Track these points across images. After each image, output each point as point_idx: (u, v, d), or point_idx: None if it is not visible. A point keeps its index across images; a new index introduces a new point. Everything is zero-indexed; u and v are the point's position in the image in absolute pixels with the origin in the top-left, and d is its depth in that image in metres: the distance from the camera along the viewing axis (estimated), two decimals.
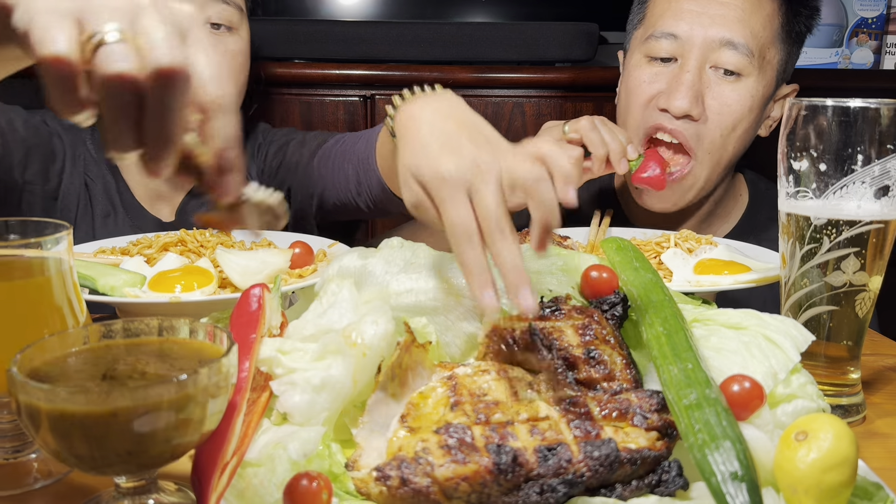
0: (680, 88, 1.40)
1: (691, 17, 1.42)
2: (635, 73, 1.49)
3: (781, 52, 1.45)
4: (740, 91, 1.41)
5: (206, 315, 0.95)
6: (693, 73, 1.41)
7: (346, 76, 2.05)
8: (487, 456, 0.65)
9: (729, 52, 1.40)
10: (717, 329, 0.83)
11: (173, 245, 1.24)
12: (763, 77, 1.43)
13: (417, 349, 0.76)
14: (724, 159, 1.46)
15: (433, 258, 0.89)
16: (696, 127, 1.42)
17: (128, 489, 0.67)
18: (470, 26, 2.20)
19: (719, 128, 1.42)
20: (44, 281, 0.76)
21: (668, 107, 1.42)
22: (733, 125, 1.42)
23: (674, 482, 0.67)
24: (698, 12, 1.42)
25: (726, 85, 1.41)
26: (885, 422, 0.96)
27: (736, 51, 1.40)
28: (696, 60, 1.41)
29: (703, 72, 1.42)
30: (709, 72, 1.42)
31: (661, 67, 1.46)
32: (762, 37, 1.42)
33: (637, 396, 0.72)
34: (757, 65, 1.41)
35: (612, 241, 0.94)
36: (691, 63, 1.41)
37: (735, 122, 1.42)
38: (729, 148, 1.45)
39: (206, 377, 0.61)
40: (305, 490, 0.63)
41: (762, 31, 1.41)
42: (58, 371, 0.65)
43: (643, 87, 1.47)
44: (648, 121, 1.46)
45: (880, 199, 0.90)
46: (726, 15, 1.40)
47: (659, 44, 1.45)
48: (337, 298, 0.83)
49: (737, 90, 1.41)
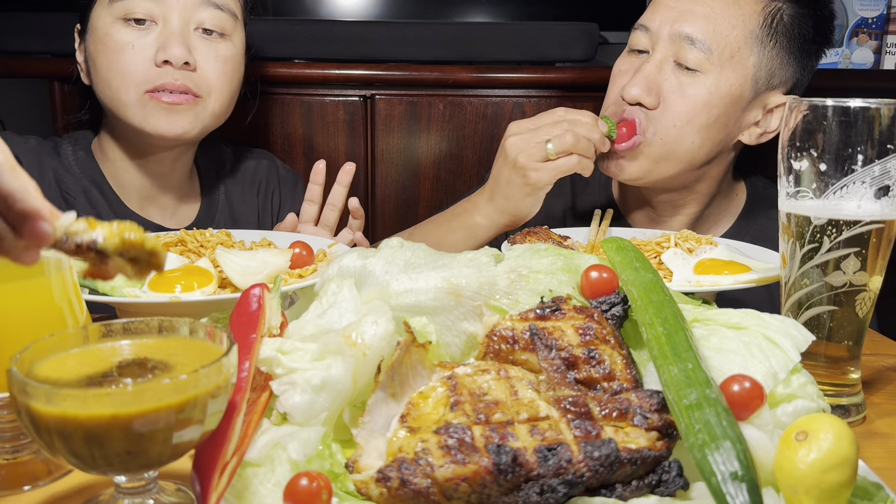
0: (636, 76, 1.46)
1: (665, 11, 1.47)
2: (617, 62, 1.57)
3: (758, 55, 1.45)
4: (696, 86, 1.44)
5: (206, 315, 0.95)
6: (653, 65, 1.46)
7: (346, 76, 2.05)
8: (487, 456, 0.65)
9: (688, 47, 1.43)
10: (718, 329, 0.82)
11: (173, 245, 1.24)
12: (725, 74, 1.44)
13: (417, 349, 0.76)
14: (682, 149, 1.47)
15: (433, 258, 0.89)
16: (648, 114, 1.47)
17: (128, 489, 0.67)
18: (470, 26, 2.20)
19: (672, 117, 1.45)
20: (44, 281, 0.76)
21: (623, 94, 1.48)
22: (687, 117, 1.45)
23: (674, 482, 0.67)
24: (671, 7, 1.47)
25: (683, 78, 1.45)
26: (886, 422, 0.96)
27: (694, 47, 1.43)
28: (660, 53, 1.46)
29: (666, 64, 1.46)
30: (671, 64, 1.46)
31: (636, 58, 1.52)
32: (729, 35, 1.43)
33: (637, 396, 0.72)
34: (717, 62, 1.43)
35: (612, 241, 0.94)
36: (655, 56, 1.47)
37: (689, 114, 1.45)
38: (686, 140, 1.46)
39: (206, 377, 0.61)
40: (305, 490, 0.63)
41: (730, 31, 1.43)
42: (58, 371, 0.65)
43: (617, 76, 1.55)
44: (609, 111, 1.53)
45: (880, 199, 0.90)
46: (694, 10, 1.44)
47: (636, 36, 1.52)
48: (337, 298, 0.83)
49: (693, 84, 1.44)
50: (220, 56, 1.49)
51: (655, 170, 1.50)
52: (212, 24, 1.47)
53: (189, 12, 1.46)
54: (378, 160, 2.11)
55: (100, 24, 1.45)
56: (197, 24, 1.47)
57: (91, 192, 1.55)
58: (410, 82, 2.07)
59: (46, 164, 1.55)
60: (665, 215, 1.63)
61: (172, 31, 1.43)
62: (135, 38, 1.43)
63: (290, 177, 1.83)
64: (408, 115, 2.08)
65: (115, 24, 1.44)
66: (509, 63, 2.14)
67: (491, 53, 2.11)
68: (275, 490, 0.66)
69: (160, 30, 1.44)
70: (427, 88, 2.07)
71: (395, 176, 2.12)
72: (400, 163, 2.10)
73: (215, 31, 1.48)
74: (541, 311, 0.81)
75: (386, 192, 2.14)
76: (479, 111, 2.09)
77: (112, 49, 1.43)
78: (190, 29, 1.46)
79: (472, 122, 2.09)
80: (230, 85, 1.52)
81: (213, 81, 1.48)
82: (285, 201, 1.80)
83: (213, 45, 1.48)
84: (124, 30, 1.43)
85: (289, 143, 2.08)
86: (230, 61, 1.51)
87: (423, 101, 2.08)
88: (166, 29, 1.44)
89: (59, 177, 1.55)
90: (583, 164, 1.39)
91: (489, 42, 2.10)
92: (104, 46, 1.44)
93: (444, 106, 2.08)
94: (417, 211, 2.12)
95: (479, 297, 0.85)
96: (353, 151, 2.09)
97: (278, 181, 1.80)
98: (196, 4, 1.46)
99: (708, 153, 1.50)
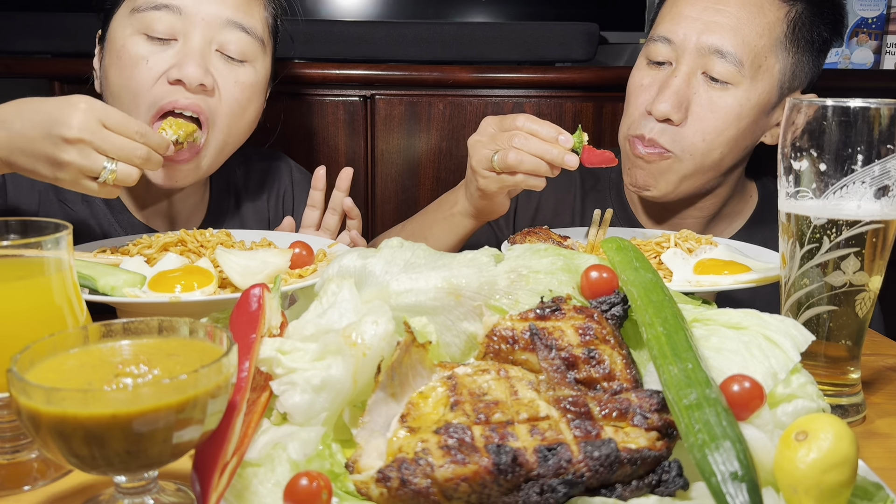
0: (665, 92, 1.43)
1: (687, 22, 1.43)
2: (636, 75, 1.53)
3: (783, 61, 1.45)
4: (727, 99, 1.42)
5: (206, 315, 0.95)
6: (681, 78, 1.43)
7: (346, 76, 2.05)
8: (487, 456, 0.65)
9: (718, 60, 1.41)
10: (718, 329, 0.82)
11: (173, 245, 1.24)
12: (756, 86, 1.43)
13: (417, 349, 0.76)
14: (710, 161, 1.47)
15: (433, 258, 0.89)
16: (673, 132, 1.44)
17: (128, 489, 0.67)
18: (470, 26, 2.20)
19: (700, 132, 1.43)
20: (44, 281, 0.76)
21: (651, 109, 1.44)
22: (717, 131, 1.43)
23: (674, 482, 0.67)
24: (694, 18, 1.43)
25: (714, 92, 1.43)
26: (886, 422, 0.96)
27: (724, 59, 1.40)
28: (686, 66, 1.43)
29: (694, 77, 1.44)
30: (699, 77, 1.44)
31: (658, 71, 1.48)
32: (757, 45, 1.41)
33: (637, 396, 0.72)
34: (748, 74, 1.41)
35: (612, 241, 0.94)
36: (682, 68, 1.43)
37: (719, 128, 1.43)
38: (715, 152, 1.45)
39: (206, 377, 0.61)
40: (305, 490, 0.63)
41: (757, 40, 1.41)
42: (57, 371, 0.65)
43: (639, 90, 1.50)
44: (633, 129, 1.49)
45: (880, 199, 0.90)
46: (720, 22, 1.41)
47: (656, 47, 1.48)
48: (337, 298, 0.83)
49: (723, 98, 1.42)
50: (240, 83, 1.39)
51: (683, 185, 1.49)
52: (236, 49, 1.38)
53: (212, 32, 1.36)
54: (378, 160, 2.11)
55: (118, 34, 1.37)
56: (219, 45, 1.37)
57: (92, 200, 1.51)
58: (410, 82, 2.07)
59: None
60: (679, 217, 1.62)
61: (192, 50, 1.34)
62: (150, 53, 1.34)
63: (304, 179, 1.75)
64: (408, 115, 2.08)
65: (133, 36, 1.35)
66: (509, 63, 2.14)
67: (491, 53, 2.11)
68: (275, 490, 0.66)
69: (179, 47, 1.35)
70: (427, 88, 2.07)
71: (395, 176, 2.12)
72: (400, 163, 2.10)
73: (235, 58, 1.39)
74: (541, 311, 0.81)
75: (386, 192, 2.14)
76: (479, 111, 2.09)
77: (126, 64, 1.35)
78: (211, 49, 1.37)
79: (472, 122, 2.09)
80: (244, 115, 1.43)
81: (225, 108, 1.39)
82: (299, 204, 1.72)
83: (232, 70, 1.39)
84: (143, 44, 1.35)
85: (289, 143, 2.08)
86: (248, 88, 1.41)
87: (423, 101, 2.08)
88: (186, 47, 1.35)
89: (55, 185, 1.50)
90: (529, 182, 1.29)
91: (489, 42, 2.10)
92: (118, 60, 1.36)
93: (444, 106, 2.08)
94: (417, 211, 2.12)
95: (479, 297, 0.85)
96: (353, 151, 2.09)
97: (291, 184, 1.75)
98: (221, 24, 1.37)
99: (734, 159, 1.50)
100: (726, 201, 1.62)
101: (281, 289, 0.86)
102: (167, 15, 1.34)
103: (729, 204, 1.63)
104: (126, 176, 1.12)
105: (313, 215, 1.53)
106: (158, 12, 1.34)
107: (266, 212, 1.72)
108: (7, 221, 0.79)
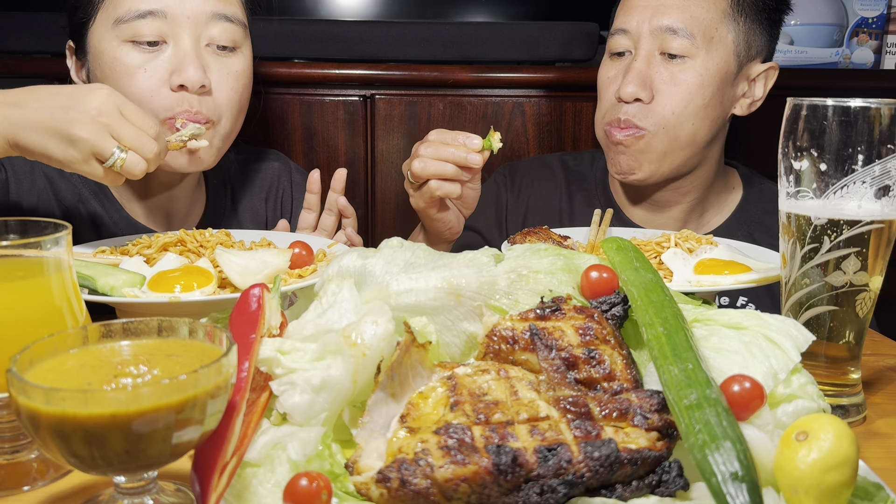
0: (628, 75, 1.53)
1: (637, 11, 1.55)
2: (602, 70, 1.63)
3: (734, 31, 1.53)
4: (687, 72, 1.51)
5: (205, 315, 0.95)
6: (641, 61, 1.53)
7: (346, 76, 2.05)
8: (487, 457, 0.65)
9: (671, 37, 1.51)
10: (718, 329, 0.82)
11: (173, 245, 1.24)
12: (712, 55, 1.52)
13: (417, 349, 0.76)
14: (685, 135, 1.54)
15: (433, 258, 0.89)
16: (644, 109, 1.53)
17: (127, 489, 0.67)
18: (470, 26, 2.20)
19: (669, 105, 1.52)
20: (43, 281, 0.76)
21: (620, 95, 1.54)
22: (684, 102, 1.52)
23: (674, 483, 0.67)
24: (644, 6, 1.54)
25: (673, 67, 1.52)
26: (886, 422, 0.96)
27: (677, 35, 1.51)
28: (644, 49, 1.54)
29: (653, 58, 1.53)
30: (658, 58, 1.53)
31: (620, 61, 1.58)
32: (705, 19, 1.51)
33: (637, 396, 0.72)
34: (702, 45, 1.51)
35: (612, 241, 0.94)
36: (641, 52, 1.54)
37: (685, 99, 1.52)
38: (686, 124, 1.53)
39: (205, 377, 0.61)
40: (305, 490, 0.63)
41: (704, 14, 1.51)
42: (57, 371, 0.64)
43: (607, 83, 1.60)
44: (607, 117, 1.58)
45: (881, 199, 0.90)
46: (667, 3, 1.52)
47: (615, 40, 1.59)
48: (337, 298, 0.83)
49: (683, 70, 1.52)
50: (233, 72, 1.43)
51: (664, 163, 1.56)
52: (224, 38, 1.42)
53: (200, 29, 1.39)
54: (378, 160, 2.11)
55: (105, 46, 1.38)
56: (209, 40, 1.40)
57: (89, 201, 1.51)
58: (410, 82, 2.07)
59: (38, 169, 1.48)
60: (664, 206, 1.68)
61: (186, 52, 1.37)
62: (145, 61, 1.36)
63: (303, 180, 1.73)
64: (408, 115, 2.08)
65: (122, 46, 1.36)
66: (509, 63, 2.14)
67: (491, 53, 2.11)
68: (274, 490, 0.66)
69: (172, 50, 1.37)
70: (427, 88, 2.08)
71: (395, 176, 2.12)
72: (400, 163, 2.10)
73: (227, 47, 1.43)
74: (541, 311, 0.81)
75: (386, 192, 2.14)
76: (479, 111, 2.09)
77: (122, 74, 1.36)
78: (202, 46, 1.40)
79: (472, 122, 2.09)
80: (240, 102, 1.47)
81: (225, 102, 1.43)
82: (297, 206, 1.73)
83: (224, 62, 1.42)
84: (133, 52, 1.36)
85: (288, 143, 2.08)
86: (242, 76, 1.46)
87: (423, 101, 2.08)
88: (179, 49, 1.37)
89: (53, 183, 1.49)
90: (444, 189, 1.36)
91: (489, 42, 2.10)
92: (113, 71, 1.37)
93: (444, 106, 2.08)
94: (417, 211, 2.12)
95: (479, 297, 0.85)
96: (352, 151, 2.09)
97: (290, 185, 1.76)
98: (207, 19, 1.39)
99: (709, 131, 1.57)
100: (710, 186, 1.67)
101: (280, 289, 0.85)
102: (153, 21, 1.36)
103: (712, 193, 1.69)
104: (133, 166, 1.13)
105: (309, 218, 1.55)
106: (144, 20, 1.36)
107: (264, 212, 1.73)
108: (7, 221, 0.79)
